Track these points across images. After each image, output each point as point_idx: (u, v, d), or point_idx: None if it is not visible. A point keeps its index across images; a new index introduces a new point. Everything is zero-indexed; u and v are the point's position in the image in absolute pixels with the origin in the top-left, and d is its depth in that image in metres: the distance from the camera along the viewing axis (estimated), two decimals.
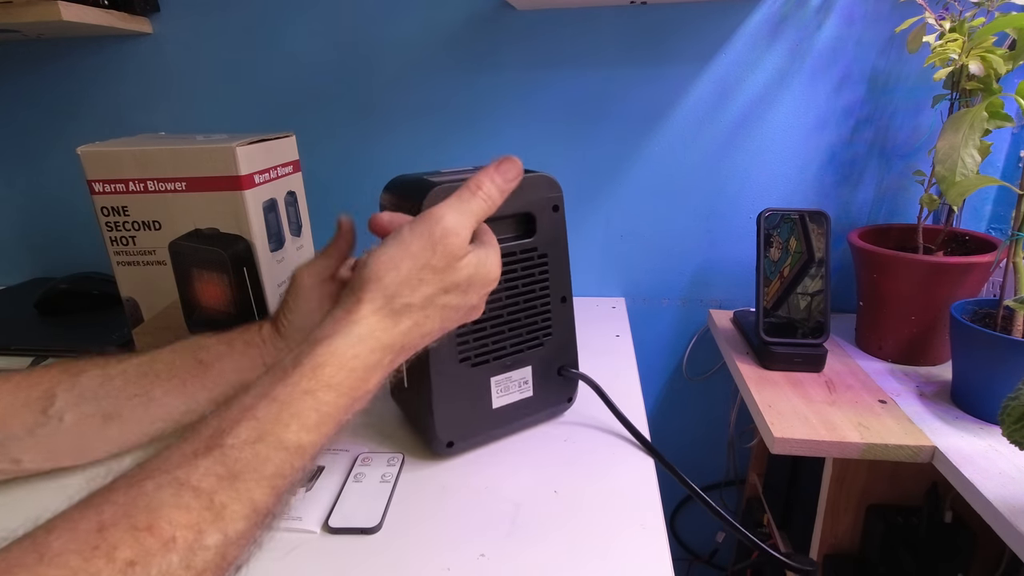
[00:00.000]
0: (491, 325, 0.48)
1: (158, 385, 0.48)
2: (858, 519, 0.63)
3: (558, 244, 0.50)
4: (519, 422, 0.53)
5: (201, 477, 0.27)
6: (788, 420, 0.57)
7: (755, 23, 0.75)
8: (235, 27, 0.82)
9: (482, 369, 0.49)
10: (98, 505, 0.25)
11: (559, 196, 0.49)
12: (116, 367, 0.48)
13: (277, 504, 0.30)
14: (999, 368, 0.53)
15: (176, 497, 0.26)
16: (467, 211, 0.38)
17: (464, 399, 0.49)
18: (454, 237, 0.37)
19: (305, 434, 0.31)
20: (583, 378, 0.53)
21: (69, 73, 0.87)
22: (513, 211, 0.47)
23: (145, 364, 0.48)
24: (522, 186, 0.47)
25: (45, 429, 0.45)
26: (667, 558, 0.39)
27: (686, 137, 0.80)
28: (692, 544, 1.01)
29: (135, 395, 0.47)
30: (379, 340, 0.35)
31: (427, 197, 0.43)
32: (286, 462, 0.30)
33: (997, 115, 0.54)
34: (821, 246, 0.66)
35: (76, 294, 0.81)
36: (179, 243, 0.59)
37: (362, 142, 0.86)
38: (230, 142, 0.56)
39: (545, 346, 0.51)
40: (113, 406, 0.47)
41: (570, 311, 0.52)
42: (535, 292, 0.50)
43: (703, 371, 0.90)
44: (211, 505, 0.27)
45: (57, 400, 0.45)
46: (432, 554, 0.40)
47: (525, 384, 0.51)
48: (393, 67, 0.82)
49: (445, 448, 0.49)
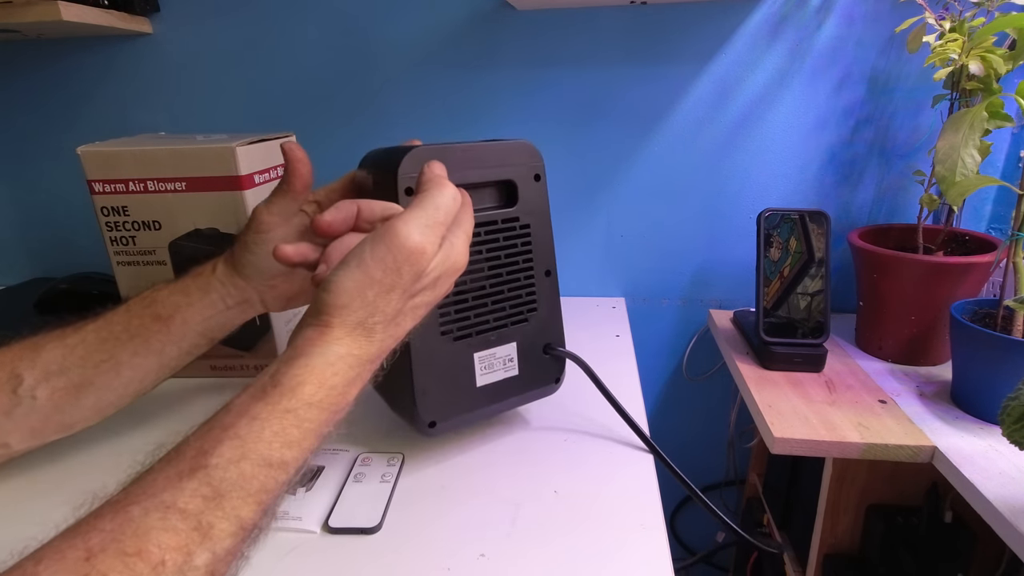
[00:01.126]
0: (473, 297, 0.47)
1: (121, 348, 0.47)
2: (858, 519, 0.63)
3: (541, 215, 0.49)
4: (505, 402, 0.51)
5: (188, 499, 0.27)
6: (788, 420, 0.57)
7: (755, 23, 0.75)
8: (235, 27, 0.82)
9: (465, 344, 0.47)
10: (85, 533, 0.25)
11: (540, 164, 0.49)
12: (74, 336, 0.46)
13: (264, 518, 0.30)
14: (999, 368, 0.53)
15: (163, 520, 0.26)
16: (433, 222, 0.36)
17: (447, 377, 0.47)
18: (420, 256, 0.35)
19: (288, 450, 0.31)
20: (571, 356, 0.52)
21: (69, 73, 0.87)
22: (494, 178, 0.47)
23: (103, 328, 0.47)
24: (503, 151, 0.47)
25: (21, 409, 0.45)
26: (667, 558, 0.39)
27: (686, 137, 0.80)
28: (692, 544, 1.01)
29: (101, 361, 0.46)
30: (356, 356, 0.35)
31: (403, 162, 0.42)
32: (271, 478, 0.30)
33: (997, 115, 0.54)
34: (821, 246, 0.66)
35: (76, 294, 0.81)
36: (179, 243, 0.60)
37: (362, 141, 0.85)
38: (230, 142, 0.56)
39: (530, 322, 0.50)
40: (82, 376, 0.46)
41: (555, 286, 0.51)
42: (518, 264, 0.49)
43: (703, 371, 0.90)
44: (198, 526, 0.27)
45: (24, 379, 0.44)
46: (432, 554, 0.40)
47: (510, 362, 0.50)
48: (393, 67, 0.82)
49: (427, 429, 0.47)
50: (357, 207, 0.41)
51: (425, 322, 0.42)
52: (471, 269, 0.46)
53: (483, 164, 0.46)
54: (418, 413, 0.46)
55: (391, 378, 0.49)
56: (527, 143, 0.48)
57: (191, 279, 0.49)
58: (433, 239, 0.36)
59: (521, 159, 0.48)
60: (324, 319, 0.34)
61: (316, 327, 0.34)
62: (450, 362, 0.47)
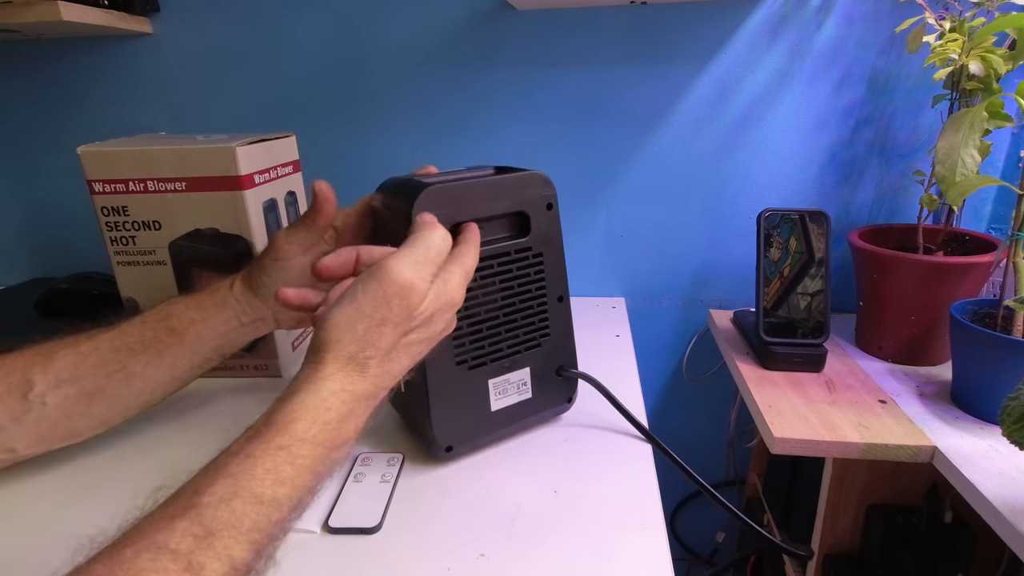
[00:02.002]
0: (487, 327, 0.48)
1: (134, 359, 0.47)
2: (858, 519, 0.63)
3: (553, 243, 0.50)
4: (519, 424, 0.52)
5: (179, 539, 0.27)
6: (788, 420, 0.57)
7: (755, 23, 0.75)
8: (235, 27, 0.82)
9: (479, 371, 0.48)
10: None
11: (552, 194, 0.49)
12: (87, 344, 0.47)
13: (257, 560, 0.30)
14: (999, 368, 0.53)
15: (154, 562, 0.26)
16: (424, 259, 0.37)
17: (462, 402, 0.48)
18: (409, 290, 0.36)
19: (280, 487, 0.31)
20: (584, 377, 0.53)
21: (69, 73, 0.87)
22: (506, 210, 0.47)
23: (117, 339, 0.48)
24: (515, 185, 0.47)
25: (31, 415, 0.45)
26: (667, 558, 0.39)
27: (686, 137, 0.80)
28: (692, 544, 1.01)
29: (114, 371, 0.47)
30: (350, 392, 0.35)
31: (417, 200, 0.42)
32: (263, 516, 0.30)
33: (997, 115, 0.54)
34: (821, 246, 0.66)
35: (76, 294, 0.81)
36: (179, 243, 0.60)
37: (362, 141, 0.86)
38: (230, 142, 0.56)
39: (543, 347, 0.51)
40: (93, 384, 0.46)
41: (567, 311, 0.52)
42: (531, 292, 0.49)
43: (703, 371, 0.90)
44: (189, 566, 0.27)
45: (36, 384, 0.45)
46: (432, 554, 0.40)
47: (524, 386, 0.51)
48: (393, 66, 0.82)
49: (444, 453, 0.49)
50: (356, 253, 0.42)
51: (440, 351, 0.43)
52: (485, 300, 0.47)
53: (496, 197, 0.47)
54: (435, 438, 0.48)
55: (409, 403, 0.51)
56: (541, 174, 0.48)
57: (208, 295, 0.50)
58: (423, 275, 0.37)
59: (534, 190, 0.48)
60: (319, 355, 0.35)
61: (311, 364, 0.35)
62: (465, 389, 0.48)
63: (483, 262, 0.46)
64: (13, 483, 0.49)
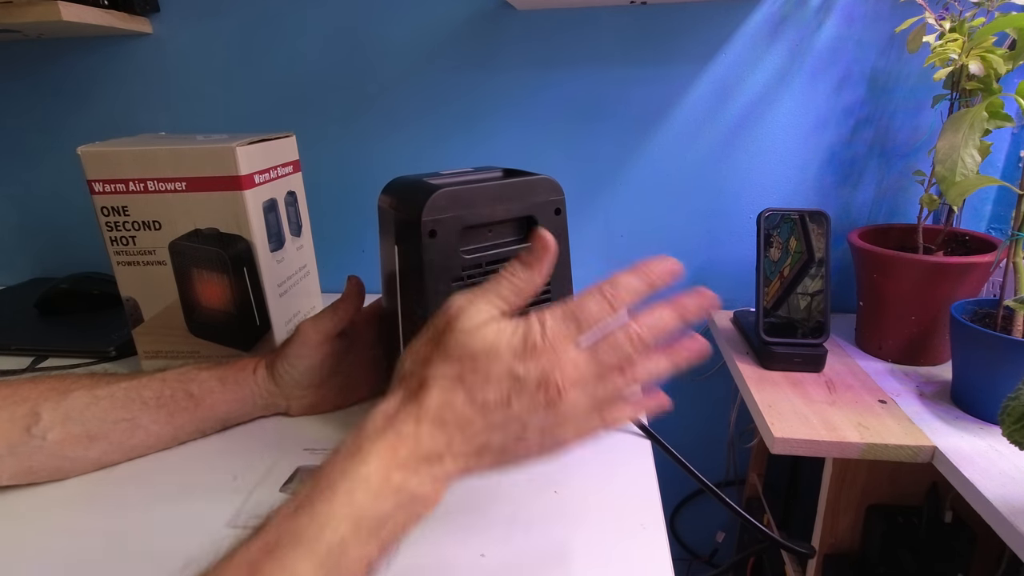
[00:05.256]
0: None
1: (145, 413, 0.48)
2: (858, 519, 0.63)
3: (560, 248, 0.50)
4: None
5: None
6: (788, 420, 0.57)
7: (755, 23, 0.75)
8: (235, 27, 0.82)
9: None
10: None
11: (561, 199, 0.49)
12: (104, 389, 0.48)
13: None
14: (999, 368, 0.53)
15: None
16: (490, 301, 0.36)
17: None
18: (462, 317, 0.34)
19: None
20: None
21: (69, 73, 0.87)
22: (514, 215, 0.47)
23: (133, 390, 0.49)
24: (525, 189, 0.47)
25: (26, 448, 0.45)
26: (667, 558, 0.39)
27: (686, 137, 0.80)
28: (692, 544, 1.01)
29: (122, 419, 0.48)
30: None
31: (427, 204, 0.43)
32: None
33: (997, 115, 0.54)
34: (821, 246, 0.66)
35: (76, 294, 0.81)
36: (179, 243, 0.59)
37: (362, 142, 0.86)
38: (230, 142, 0.56)
39: None
40: (99, 428, 0.47)
41: None
42: (536, 297, 0.49)
43: (703, 371, 0.90)
44: None
45: (42, 419, 0.45)
46: (432, 554, 0.40)
47: None
48: (393, 66, 0.82)
49: None
50: None
51: None
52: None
53: (504, 201, 0.46)
54: None
55: None
56: (550, 179, 0.48)
57: (231, 371, 0.52)
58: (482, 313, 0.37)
59: (542, 195, 0.48)
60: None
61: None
62: None
63: (489, 266, 0.46)
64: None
